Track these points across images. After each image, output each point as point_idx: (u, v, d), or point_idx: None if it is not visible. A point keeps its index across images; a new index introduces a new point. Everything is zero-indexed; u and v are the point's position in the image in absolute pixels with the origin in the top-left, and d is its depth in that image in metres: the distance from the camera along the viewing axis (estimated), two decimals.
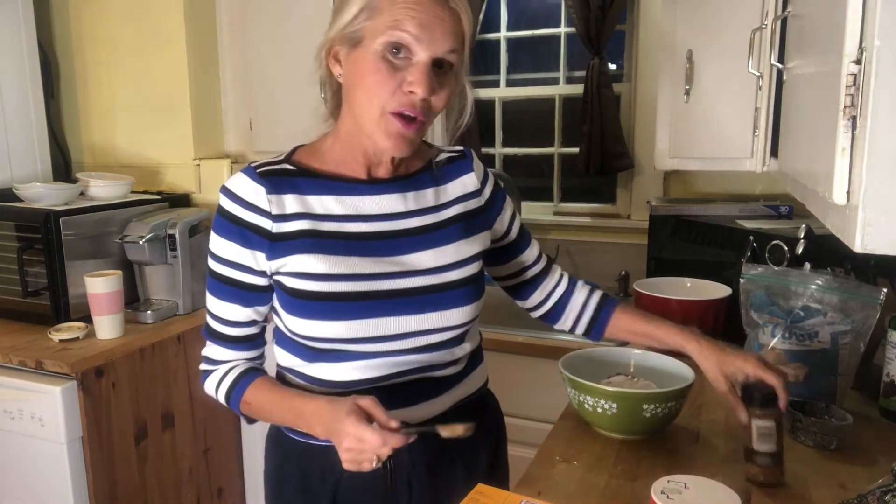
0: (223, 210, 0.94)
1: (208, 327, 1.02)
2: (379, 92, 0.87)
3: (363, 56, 0.87)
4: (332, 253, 0.92)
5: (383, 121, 0.88)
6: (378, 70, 0.86)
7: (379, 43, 0.85)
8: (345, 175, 0.97)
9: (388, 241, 0.95)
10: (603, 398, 1.16)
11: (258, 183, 0.93)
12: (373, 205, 0.96)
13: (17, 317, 2.00)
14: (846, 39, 0.73)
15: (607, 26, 2.11)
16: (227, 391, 0.99)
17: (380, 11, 0.85)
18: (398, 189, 0.98)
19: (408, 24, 0.84)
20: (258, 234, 0.92)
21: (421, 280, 0.95)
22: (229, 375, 1.00)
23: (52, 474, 1.75)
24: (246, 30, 2.30)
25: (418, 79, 0.85)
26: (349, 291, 0.91)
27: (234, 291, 0.95)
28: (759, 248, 1.58)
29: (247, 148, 2.41)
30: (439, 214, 1.01)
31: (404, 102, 0.87)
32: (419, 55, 0.86)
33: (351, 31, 0.88)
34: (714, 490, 0.88)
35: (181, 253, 2.05)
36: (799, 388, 1.32)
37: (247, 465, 2.31)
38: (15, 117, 2.28)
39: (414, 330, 0.95)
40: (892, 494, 0.92)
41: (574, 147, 2.35)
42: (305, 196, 0.94)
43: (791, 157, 1.21)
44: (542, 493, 1.03)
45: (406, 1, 0.84)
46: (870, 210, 0.72)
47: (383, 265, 0.94)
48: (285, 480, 1.04)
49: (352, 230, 0.94)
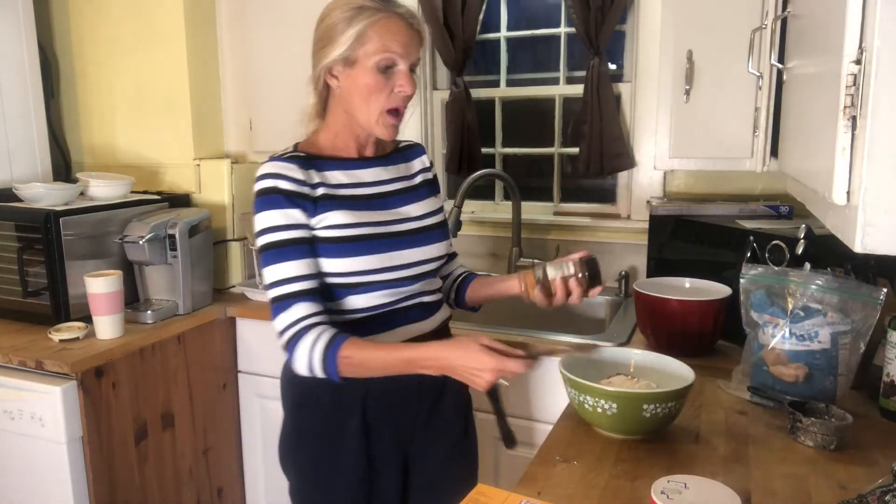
0: (271, 188, 1.18)
1: (284, 295, 1.17)
2: (378, 96, 1.20)
3: (361, 72, 1.19)
4: (350, 209, 1.22)
5: (381, 118, 1.22)
6: (376, 81, 1.19)
7: (373, 61, 1.18)
8: (342, 156, 1.28)
9: (383, 199, 1.28)
10: (603, 398, 1.16)
11: (289, 163, 1.21)
12: (367, 175, 1.29)
13: (17, 317, 2.00)
14: (846, 39, 0.73)
15: (607, 26, 2.11)
16: (324, 348, 1.14)
17: (369, 38, 1.17)
18: (381, 164, 1.32)
19: (394, 46, 1.18)
20: (303, 199, 1.19)
21: (412, 224, 1.29)
22: (324, 336, 1.15)
23: (52, 474, 1.75)
24: (246, 29, 2.30)
25: (406, 81, 1.20)
26: (367, 234, 1.22)
27: (299, 249, 1.18)
28: (759, 248, 1.58)
29: (247, 148, 2.41)
30: (411, 181, 1.36)
31: (396, 100, 1.21)
32: (402, 65, 1.20)
33: (346, 55, 1.19)
34: (714, 490, 0.88)
35: (181, 253, 2.05)
36: (799, 388, 1.32)
37: (247, 465, 2.31)
38: (15, 117, 2.28)
39: (411, 261, 1.27)
40: (892, 494, 0.92)
41: (574, 147, 2.35)
42: (321, 171, 1.23)
43: (791, 157, 1.21)
44: (542, 493, 1.04)
45: (389, 29, 1.18)
46: (870, 210, 0.72)
47: (385, 215, 1.26)
48: (313, 403, 1.28)
49: (358, 193, 1.26)
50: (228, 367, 2.24)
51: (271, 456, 2.25)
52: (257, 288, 2.24)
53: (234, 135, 2.45)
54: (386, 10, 1.19)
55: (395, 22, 1.19)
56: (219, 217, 2.30)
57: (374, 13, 1.18)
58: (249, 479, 2.32)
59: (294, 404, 1.33)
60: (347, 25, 1.18)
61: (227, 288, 2.35)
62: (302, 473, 1.32)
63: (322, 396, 1.26)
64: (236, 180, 2.32)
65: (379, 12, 1.18)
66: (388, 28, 1.18)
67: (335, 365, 1.14)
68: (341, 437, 1.27)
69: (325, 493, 1.30)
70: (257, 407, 2.24)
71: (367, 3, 1.18)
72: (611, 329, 1.91)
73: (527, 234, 2.40)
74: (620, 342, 1.77)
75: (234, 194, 2.32)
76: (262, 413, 2.24)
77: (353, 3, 1.19)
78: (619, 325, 1.92)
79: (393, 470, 1.31)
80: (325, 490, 1.29)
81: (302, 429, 1.31)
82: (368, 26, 1.17)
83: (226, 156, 2.44)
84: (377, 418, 1.27)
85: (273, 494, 2.29)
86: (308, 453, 1.30)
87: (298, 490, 1.34)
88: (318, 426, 1.28)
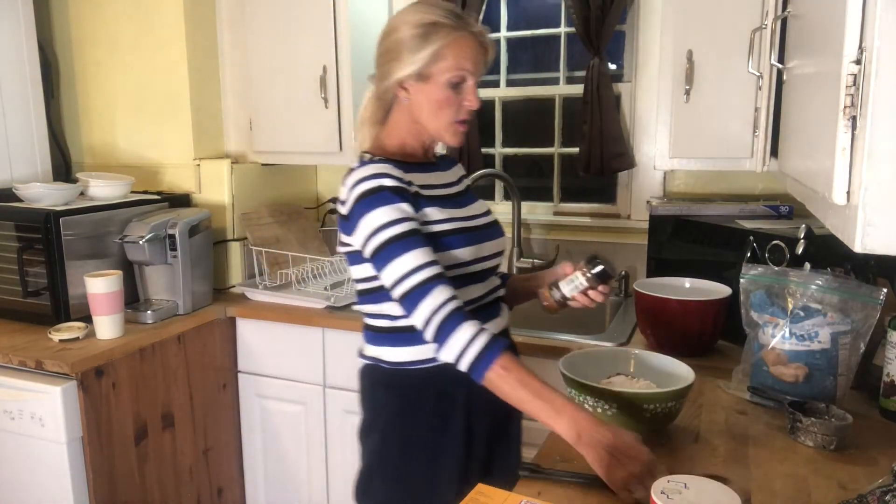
0: (377, 186, 1.20)
1: (420, 283, 1.15)
2: (448, 110, 1.26)
3: (433, 87, 1.24)
4: (439, 206, 1.28)
5: (451, 127, 1.28)
6: (447, 96, 1.25)
7: (446, 78, 1.23)
8: (412, 160, 1.32)
9: (456, 199, 1.35)
10: (603, 398, 1.16)
11: (385, 164, 1.24)
12: (435, 178, 1.34)
13: (17, 317, 2.00)
14: (846, 39, 0.73)
15: (607, 26, 2.11)
16: (483, 347, 1.12)
17: (444, 57, 1.22)
18: (440, 168, 1.38)
19: (467, 64, 1.24)
20: (408, 194, 1.23)
21: (483, 220, 1.36)
22: (483, 334, 1.13)
23: (52, 474, 1.75)
24: (246, 30, 2.30)
25: (474, 96, 1.27)
26: (461, 227, 1.28)
27: (419, 239, 1.19)
28: (759, 248, 1.58)
29: (247, 148, 2.41)
30: (461, 184, 1.42)
31: (464, 113, 1.28)
32: (471, 81, 1.26)
33: (420, 71, 1.23)
34: (714, 490, 0.88)
35: (181, 253, 2.05)
36: (799, 388, 1.32)
37: (247, 465, 2.31)
38: (15, 117, 2.28)
39: (492, 253, 1.34)
40: (892, 494, 0.92)
41: (574, 147, 2.35)
42: (406, 173, 1.26)
43: (791, 157, 1.21)
44: (541, 493, 1.04)
45: (462, 48, 1.23)
46: (870, 210, 0.72)
47: (463, 211, 1.32)
48: (418, 407, 1.28)
49: (436, 193, 1.31)
50: (228, 367, 2.24)
51: (271, 456, 2.26)
52: (257, 288, 2.24)
53: (234, 135, 2.45)
54: (460, 28, 1.22)
55: (468, 41, 1.23)
56: (219, 217, 2.30)
57: (449, 32, 1.21)
58: (249, 479, 2.32)
59: (395, 413, 1.30)
60: (422, 42, 1.21)
61: (227, 288, 2.35)
62: (407, 480, 1.30)
63: (426, 403, 1.28)
64: (236, 180, 2.32)
65: (454, 31, 1.22)
66: (462, 47, 1.22)
67: (488, 368, 1.11)
68: (444, 440, 1.29)
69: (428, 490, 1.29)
70: (257, 407, 2.25)
71: (441, 20, 1.21)
72: (611, 329, 1.91)
73: (527, 234, 2.40)
74: (620, 342, 1.77)
75: (234, 194, 2.32)
76: (262, 413, 2.24)
77: (425, 18, 1.21)
78: (619, 325, 1.92)
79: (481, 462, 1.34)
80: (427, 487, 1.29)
81: (408, 438, 1.29)
82: (444, 46, 1.21)
83: (226, 156, 2.44)
84: (477, 421, 1.30)
85: (273, 494, 2.29)
86: (418, 460, 1.29)
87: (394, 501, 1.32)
88: (424, 432, 1.28)
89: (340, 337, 2.05)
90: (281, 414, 2.21)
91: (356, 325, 1.43)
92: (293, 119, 2.25)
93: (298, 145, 2.28)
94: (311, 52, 2.17)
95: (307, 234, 2.49)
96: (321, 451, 2.17)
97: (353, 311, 2.06)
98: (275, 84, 2.26)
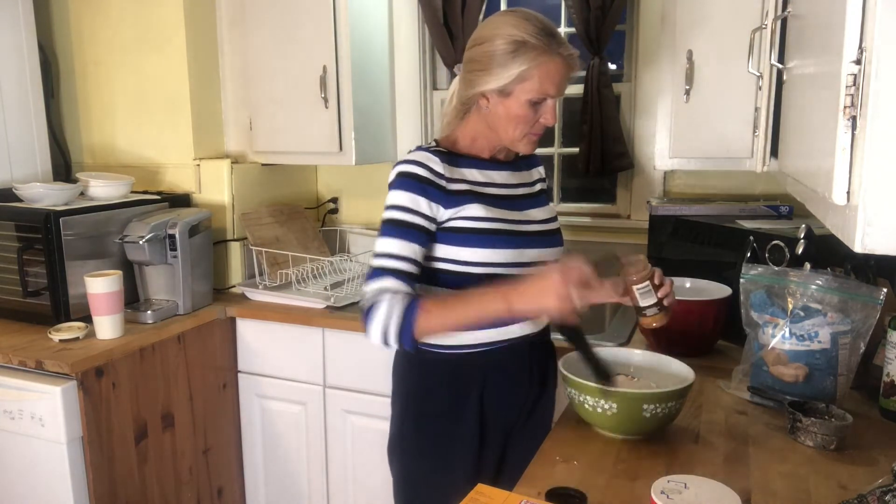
0: (410, 173, 1.26)
1: (381, 267, 1.24)
2: (525, 126, 1.28)
3: (514, 104, 1.26)
4: (488, 204, 1.30)
5: (525, 138, 1.31)
6: (526, 113, 1.26)
7: (527, 97, 1.25)
8: (478, 156, 1.36)
9: (513, 200, 1.36)
10: (603, 398, 1.16)
11: (434, 155, 1.29)
12: (498, 177, 1.37)
13: (17, 317, 2.00)
14: (846, 39, 0.73)
15: (607, 26, 2.11)
16: (403, 309, 1.18)
17: (530, 77, 1.23)
18: (510, 168, 1.40)
19: (551, 88, 1.25)
20: (438, 189, 1.27)
21: (537, 226, 1.38)
22: (401, 300, 1.19)
23: (52, 474, 1.75)
24: (246, 30, 2.30)
25: (552, 114, 1.28)
26: (500, 229, 1.30)
27: (412, 233, 1.25)
28: (759, 248, 1.58)
29: (247, 148, 2.41)
30: (532, 187, 1.44)
31: (538, 129, 1.31)
32: (551, 101, 1.27)
33: (504, 88, 1.25)
34: (714, 490, 0.88)
35: (181, 253, 2.05)
36: (799, 388, 1.32)
37: (247, 465, 2.31)
38: (15, 117, 2.28)
39: (535, 259, 1.33)
40: (892, 494, 0.92)
41: (574, 147, 2.35)
42: (461, 168, 1.32)
43: (791, 157, 1.21)
44: (542, 493, 1.04)
45: (549, 72, 1.23)
46: (870, 210, 0.72)
47: (516, 215, 1.34)
48: (434, 390, 1.35)
49: (492, 192, 1.34)
50: (228, 367, 2.24)
51: (271, 455, 2.26)
52: (257, 288, 2.24)
53: (234, 135, 2.44)
54: (550, 51, 1.22)
55: (555, 65, 1.23)
56: (219, 217, 2.30)
57: (538, 54, 1.21)
58: (249, 479, 2.32)
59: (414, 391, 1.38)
60: (510, 60, 1.22)
61: (227, 288, 2.35)
62: (422, 456, 1.38)
63: (443, 380, 1.34)
64: (236, 180, 2.32)
65: (544, 54, 1.22)
66: (548, 72, 1.23)
67: (414, 322, 1.17)
68: (460, 417, 1.34)
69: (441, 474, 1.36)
70: (257, 407, 2.25)
71: (532, 40, 1.21)
72: (611, 329, 1.91)
73: None
74: (620, 342, 1.77)
75: (234, 194, 2.32)
76: (262, 413, 2.24)
77: (516, 35, 1.21)
78: (619, 325, 1.92)
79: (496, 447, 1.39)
80: (441, 472, 1.36)
81: (424, 413, 1.36)
82: (531, 68, 1.22)
83: (226, 156, 2.44)
84: (491, 403, 1.35)
85: (273, 494, 2.29)
86: (429, 435, 1.36)
87: (411, 476, 1.39)
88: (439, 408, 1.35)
89: (340, 337, 2.05)
90: (281, 414, 2.21)
91: (356, 325, 1.44)
92: (293, 119, 2.25)
93: (298, 145, 2.28)
94: (311, 52, 2.17)
95: (307, 234, 2.49)
96: (321, 450, 2.17)
97: (353, 311, 2.06)
98: (275, 84, 2.26)
